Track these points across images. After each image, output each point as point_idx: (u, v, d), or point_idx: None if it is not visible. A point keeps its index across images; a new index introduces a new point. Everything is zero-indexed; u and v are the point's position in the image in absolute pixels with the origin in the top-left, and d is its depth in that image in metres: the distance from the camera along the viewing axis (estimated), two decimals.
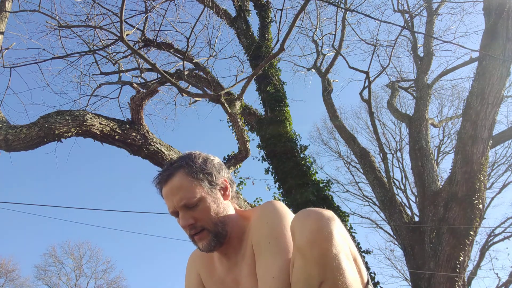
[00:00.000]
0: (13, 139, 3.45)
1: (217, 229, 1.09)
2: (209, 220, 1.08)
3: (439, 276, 5.22)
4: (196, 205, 1.07)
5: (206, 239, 1.09)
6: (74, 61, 5.77)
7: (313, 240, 0.81)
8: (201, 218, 1.08)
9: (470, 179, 5.22)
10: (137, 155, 4.19)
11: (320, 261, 0.79)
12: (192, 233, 1.09)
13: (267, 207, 1.08)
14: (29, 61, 4.98)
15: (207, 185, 1.11)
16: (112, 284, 22.29)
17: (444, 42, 9.83)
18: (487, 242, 12.73)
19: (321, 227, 0.82)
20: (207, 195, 1.10)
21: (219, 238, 1.10)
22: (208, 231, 1.08)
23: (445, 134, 14.78)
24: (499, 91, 5.12)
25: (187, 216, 1.07)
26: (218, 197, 1.13)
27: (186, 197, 1.07)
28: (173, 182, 1.09)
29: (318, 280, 0.79)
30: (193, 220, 1.07)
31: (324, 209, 0.89)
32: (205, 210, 1.08)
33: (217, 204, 1.11)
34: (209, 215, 1.08)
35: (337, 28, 8.83)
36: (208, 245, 1.09)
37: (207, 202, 1.09)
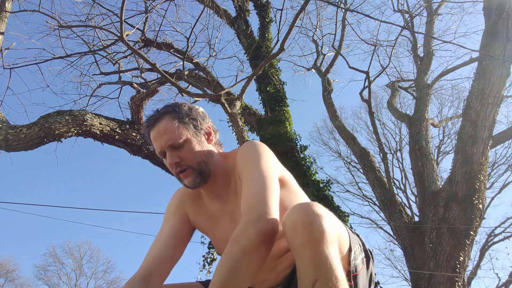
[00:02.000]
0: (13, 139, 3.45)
1: (200, 167, 1.18)
2: (193, 159, 1.18)
3: (439, 276, 5.22)
4: (181, 145, 1.17)
5: (190, 176, 1.18)
6: (74, 61, 5.77)
7: (305, 243, 0.86)
8: (186, 158, 1.17)
9: (470, 179, 5.22)
10: (137, 155, 4.20)
11: (314, 262, 0.85)
12: (178, 171, 1.18)
13: (248, 143, 1.20)
14: (29, 62, 4.99)
15: (192, 129, 1.21)
16: (112, 284, 22.29)
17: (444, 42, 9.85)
18: (487, 242, 12.73)
19: (312, 228, 0.87)
20: (192, 137, 1.20)
21: (202, 175, 1.18)
22: (193, 169, 1.17)
23: (445, 134, 14.79)
24: (499, 91, 5.12)
25: (173, 155, 1.16)
26: (203, 140, 1.23)
27: (172, 138, 1.16)
28: (160, 125, 1.19)
29: (313, 279, 0.85)
30: (179, 159, 1.17)
31: (313, 203, 0.93)
32: (189, 150, 1.18)
33: (201, 146, 1.21)
34: (193, 155, 1.18)
35: (337, 28, 8.83)
36: (193, 181, 1.18)
37: (192, 143, 1.19)
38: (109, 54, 6.13)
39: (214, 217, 1.25)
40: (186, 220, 1.29)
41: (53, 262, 21.91)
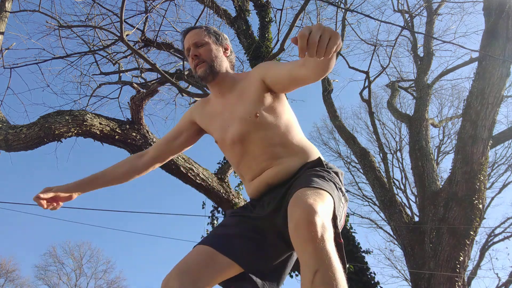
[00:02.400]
0: (13, 139, 3.45)
1: (212, 63, 1.50)
2: (208, 56, 1.50)
3: (439, 276, 5.22)
4: (202, 45, 1.51)
5: (203, 67, 1.49)
6: (74, 61, 5.77)
7: (307, 239, 0.98)
8: (203, 54, 1.50)
9: (470, 179, 5.22)
10: None
11: (314, 255, 0.97)
12: (195, 63, 1.50)
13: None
14: (29, 61, 4.99)
15: (214, 39, 1.55)
16: (112, 284, 22.30)
17: (444, 42, 9.85)
18: (487, 242, 12.73)
19: (313, 227, 0.98)
20: (212, 44, 1.54)
21: (212, 70, 1.49)
22: (206, 63, 1.49)
23: (445, 134, 14.78)
24: (499, 91, 5.12)
25: (195, 50, 1.50)
26: (220, 50, 1.56)
27: (197, 38, 1.52)
28: (192, 31, 1.56)
29: (314, 270, 0.96)
30: (198, 53, 1.50)
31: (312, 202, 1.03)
32: (208, 50, 1.51)
33: (217, 51, 1.54)
34: (209, 53, 1.51)
35: (337, 28, 8.82)
36: (204, 72, 1.48)
37: (211, 46, 1.53)
38: (109, 54, 6.13)
39: (216, 113, 1.54)
40: (192, 123, 1.61)
41: (53, 262, 21.94)
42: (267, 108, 1.43)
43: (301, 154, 1.41)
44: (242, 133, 1.41)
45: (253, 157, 1.41)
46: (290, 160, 1.38)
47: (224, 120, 1.48)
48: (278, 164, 1.38)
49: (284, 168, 1.37)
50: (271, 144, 1.39)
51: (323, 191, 1.11)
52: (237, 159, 1.46)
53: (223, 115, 1.50)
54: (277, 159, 1.39)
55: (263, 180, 1.39)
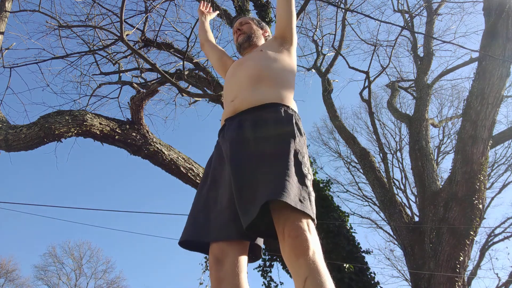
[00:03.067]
0: (13, 139, 3.45)
1: (250, 35, 1.92)
2: (248, 30, 1.94)
3: (439, 276, 5.22)
4: (246, 23, 1.96)
5: (243, 36, 1.92)
6: (74, 61, 5.77)
7: (299, 253, 1.12)
8: (245, 29, 1.94)
9: (470, 179, 5.22)
10: (137, 155, 4.20)
11: (304, 266, 1.10)
12: (238, 34, 1.93)
13: None
14: (29, 61, 4.99)
15: (256, 23, 2.00)
16: (112, 284, 22.28)
17: (444, 42, 9.85)
18: (487, 242, 12.72)
19: (305, 244, 1.13)
20: (254, 25, 1.97)
21: (249, 40, 1.91)
22: (246, 34, 1.92)
23: (445, 134, 14.77)
24: (499, 91, 5.12)
25: (239, 26, 1.96)
26: (259, 30, 1.98)
27: (243, 20, 2.00)
28: (241, 18, 2.03)
29: (304, 277, 1.09)
30: (241, 28, 1.95)
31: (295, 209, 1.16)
32: (249, 27, 1.96)
33: (256, 30, 1.96)
34: (250, 29, 1.95)
35: (337, 28, 8.83)
36: (243, 39, 1.91)
37: (252, 25, 1.97)
38: (109, 54, 6.13)
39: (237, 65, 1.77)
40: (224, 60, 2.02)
41: (53, 262, 21.92)
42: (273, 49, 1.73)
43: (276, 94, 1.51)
44: (243, 60, 1.74)
45: (237, 81, 1.62)
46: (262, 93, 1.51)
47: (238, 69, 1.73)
48: (249, 93, 1.52)
49: (253, 96, 1.50)
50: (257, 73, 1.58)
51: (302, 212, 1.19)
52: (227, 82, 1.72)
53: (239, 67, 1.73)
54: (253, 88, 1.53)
55: (232, 104, 1.54)
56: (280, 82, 1.58)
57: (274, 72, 1.60)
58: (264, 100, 1.48)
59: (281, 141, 1.32)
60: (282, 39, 1.79)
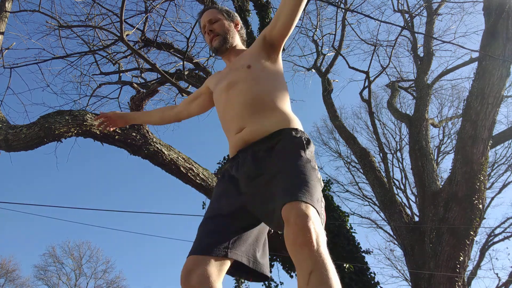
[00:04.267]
0: (13, 139, 3.45)
1: (226, 36, 1.72)
2: (222, 30, 1.72)
3: (439, 276, 5.22)
4: (216, 21, 1.73)
5: (218, 39, 1.71)
6: (74, 61, 5.77)
7: (303, 243, 1.04)
8: (218, 28, 1.72)
9: (470, 179, 5.22)
10: (137, 155, 4.19)
11: (309, 258, 1.04)
12: (211, 37, 1.71)
13: None
14: (29, 61, 4.99)
15: (226, 17, 1.76)
16: (112, 284, 22.27)
17: (444, 42, 9.84)
18: (487, 242, 12.73)
19: (309, 232, 1.06)
20: (224, 20, 1.75)
21: (226, 42, 1.71)
22: (220, 35, 1.71)
23: (445, 134, 14.77)
24: (499, 91, 5.12)
25: (210, 26, 1.72)
26: (231, 25, 1.77)
27: (211, 15, 1.74)
28: (206, 12, 1.77)
29: (309, 271, 1.03)
30: (213, 28, 1.72)
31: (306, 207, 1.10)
32: (221, 25, 1.73)
33: (229, 26, 1.75)
34: (222, 28, 1.73)
35: (337, 28, 8.84)
36: (219, 43, 1.70)
37: (223, 21, 1.74)
38: (109, 54, 6.13)
39: (223, 75, 1.68)
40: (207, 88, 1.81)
41: (53, 262, 21.91)
42: (261, 64, 1.58)
43: (281, 117, 1.45)
44: (231, 81, 1.56)
45: (236, 110, 1.49)
46: (269, 121, 1.44)
47: (225, 75, 1.65)
48: (256, 123, 1.44)
49: (262, 127, 1.43)
50: (255, 98, 1.47)
51: (311, 201, 1.15)
52: (222, 110, 1.58)
53: (227, 75, 1.64)
54: (257, 117, 1.45)
55: (241, 137, 1.45)
56: (280, 103, 1.49)
57: (272, 95, 1.50)
58: (272, 128, 1.41)
59: (293, 156, 1.31)
60: (271, 47, 1.61)
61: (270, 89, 1.51)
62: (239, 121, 1.47)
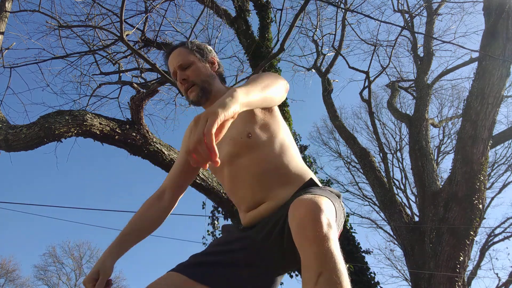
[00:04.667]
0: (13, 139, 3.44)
1: (204, 84, 1.42)
2: (198, 77, 1.42)
3: (439, 276, 5.22)
4: (189, 66, 1.42)
5: (195, 91, 1.41)
6: (74, 61, 5.77)
7: (312, 239, 0.92)
8: (192, 76, 1.42)
9: (470, 179, 5.22)
10: (137, 155, 4.19)
11: (319, 257, 0.91)
12: (185, 87, 1.42)
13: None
14: (29, 61, 4.99)
15: (199, 56, 1.46)
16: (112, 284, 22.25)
17: (444, 42, 9.84)
18: (487, 242, 12.74)
19: (319, 226, 0.93)
20: (198, 61, 1.45)
21: (205, 92, 1.42)
22: (197, 85, 1.41)
23: (445, 134, 14.78)
24: (499, 91, 5.12)
25: (182, 74, 1.42)
26: (207, 66, 1.47)
27: (182, 59, 1.43)
28: (175, 52, 1.46)
29: (317, 272, 0.90)
30: (186, 76, 1.41)
31: (318, 199, 0.98)
32: (195, 70, 1.43)
33: (205, 70, 1.45)
34: (198, 74, 1.43)
35: (337, 28, 8.84)
36: (197, 95, 1.41)
37: (197, 65, 1.44)
38: (109, 54, 6.13)
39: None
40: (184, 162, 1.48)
41: (53, 262, 21.92)
42: (260, 126, 1.32)
43: (297, 182, 1.29)
44: (232, 154, 1.30)
45: (246, 186, 1.30)
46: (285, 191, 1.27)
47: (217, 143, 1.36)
48: (273, 198, 1.27)
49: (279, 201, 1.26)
50: (265, 169, 1.28)
51: (324, 196, 1.05)
52: (228, 184, 1.36)
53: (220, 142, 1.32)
54: (272, 190, 1.27)
55: (259, 213, 1.29)
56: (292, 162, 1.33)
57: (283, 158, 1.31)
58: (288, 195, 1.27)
59: None
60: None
61: (278, 152, 1.31)
62: (254, 198, 1.29)
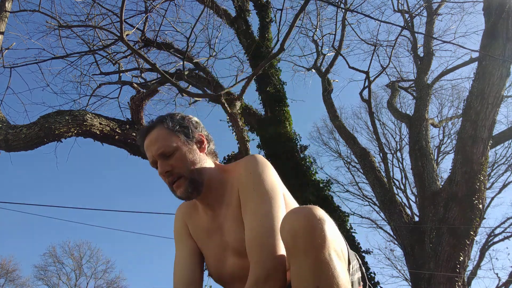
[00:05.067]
0: (13, 139, 3.44)
1: (193, 175, 1.14)
2: (185, 167, 1.13)
3: (439, 276, 5.22)
4: (172, 153, 1.13)
5: (183, 186, 1.13)
6: (74, 61, 5.77)
7: (306, 249, 0.81)
8: (177, 166, 1.13)
9: (470, 179, 5.22)
10: (137, 155, 4.20)
11: (315, 269, 0.80)
12: (170, 180, 1.14)
13: (250, 158, 1.15)
14: (29, 61, 4.99)
15: (183, 137, 1.17)
16: (112, 284, 22.29)
17: (444, 42, 9.84)
18: (487, 242, 12.74)
19: (314, 234, 0.82)
20: (183, 146, 1.16)
21: (195, 185, 1.14)
22: (185, 178, 1.13)
23: (445, 134, 14.79)
24: (499, 91, 5.12)
25: (164, 164, 1.13)
26: (194, 148, 1.18)
27: (163, 146, 1.13)
28: (152, 134, 1.16)
29: (314, 286, 0.80)
30: (170, 167, 1.13)
31: (313, 206, 0.89)
32: (181, 158, 1.14)
33: (193, 155, 1.17)
34: (185, 163, 1.14)
35: (337, 28, 8.84)
36: (185, 191, 1.13)
37: (183, 151, 1.15)
38: (109, 54, 6.13)
39: (206, 231, 1.20)
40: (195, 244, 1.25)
41: (53, 262, 21.95)
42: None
43: None
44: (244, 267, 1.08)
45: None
46: None
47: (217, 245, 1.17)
48: None
49: None
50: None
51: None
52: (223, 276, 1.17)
53: (215, 237, 1.18)
54: None
55: None
56: None
57: None
58: None
59: None
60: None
61: None
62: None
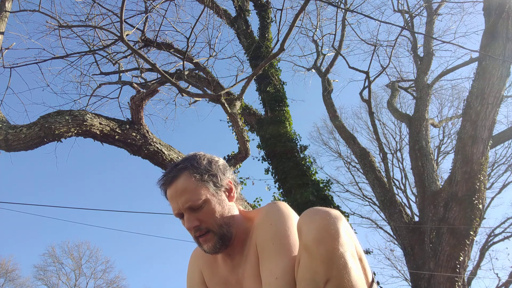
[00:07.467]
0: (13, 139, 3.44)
1: (222, 231, 1.07)
2: (214, 222, 1.07)
3: (439, 276, 5.21)
4: (201, 207, 1.06)
5: (211, 241, 1.07)
6: (74, 61, 5.77)
7: (320, 239, 0.80)
8: (206, 220, 1.06)
9: (470, 179, 5.22)
10: (137, 155, 4.19)
11: (326, 260, 0.79)
12: (197, 234, 1.07)
13: (271, 208, 1.07)
14: (29, 61, 4.98)
15: (212, 187, 1.09)
16: (112, 284, 22.32)
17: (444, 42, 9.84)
18: (487, 242, 12.74)
19: (328, 226, 0.82)
20: (212, 197, 1.08)
21: (224, 240, 1.08)
22: (214, 233, 1.07)
23: (445, 134, 14.80)
24: (499, 91, 5.12)
25: (192, 218, 1.05)
26: (223, 198, 1.11)
27: (191, 199, 1.05)
28: (178, 184, 1.07)
29: (324, 279, 0.79)
30: (198, 222, 1.06)
31: (331, 208, 0.89)
32: (210, 212, 1.06)
33: (222, 206, 1.09)
34: (214, 217, 1.07)
35: (337, 28, 8.84)
36: (214, 247, 1.07)
37: (212, 204, 1.07)
38: (109, 54, 6.13)
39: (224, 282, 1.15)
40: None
41: (53, 262, 21.97)
42: None
43: None
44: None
45: None
46: None
47: None
48: None
49: None
50: None
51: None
52: None
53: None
54: None
55: None
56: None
57: None
58: None
59: None
60: None
61: None
62: None
